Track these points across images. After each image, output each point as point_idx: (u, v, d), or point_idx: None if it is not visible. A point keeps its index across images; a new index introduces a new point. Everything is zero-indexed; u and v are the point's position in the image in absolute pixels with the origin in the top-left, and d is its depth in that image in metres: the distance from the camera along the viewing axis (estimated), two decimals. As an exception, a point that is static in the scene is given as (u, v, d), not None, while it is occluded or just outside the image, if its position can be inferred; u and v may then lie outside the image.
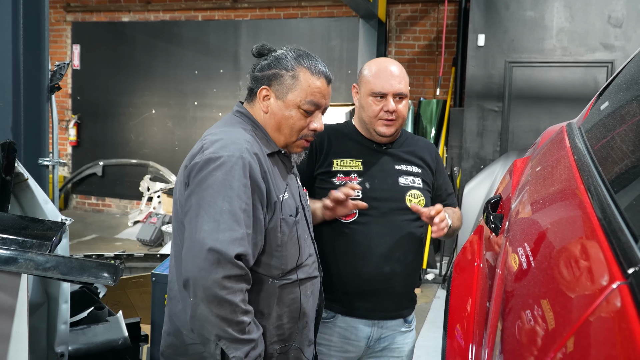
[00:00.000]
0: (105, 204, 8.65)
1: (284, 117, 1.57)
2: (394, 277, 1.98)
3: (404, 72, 2.02)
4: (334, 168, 2.00)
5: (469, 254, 1.96)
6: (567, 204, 1.20)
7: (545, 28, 5.54)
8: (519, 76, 5.66)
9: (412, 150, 2.11)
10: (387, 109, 1.96)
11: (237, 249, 1.38)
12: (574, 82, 5.48)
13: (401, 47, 7.30)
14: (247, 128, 1.56)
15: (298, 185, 1.72)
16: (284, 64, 1.56)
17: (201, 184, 1.42)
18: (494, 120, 5.80)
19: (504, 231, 1.53)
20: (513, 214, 1.51)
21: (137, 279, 3.32)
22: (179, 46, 8.09)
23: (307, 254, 1.64)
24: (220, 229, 1.37)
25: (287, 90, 1.55)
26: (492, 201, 1.86)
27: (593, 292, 0.81)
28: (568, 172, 1.34)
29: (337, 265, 1.97)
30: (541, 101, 5.58)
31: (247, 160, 1.43)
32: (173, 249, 1.60)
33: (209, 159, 1.43)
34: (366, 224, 1.95)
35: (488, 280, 1.53)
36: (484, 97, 5.81)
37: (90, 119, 8.61)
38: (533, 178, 1.62)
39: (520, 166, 1.93)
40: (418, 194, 2.02)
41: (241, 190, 1.41)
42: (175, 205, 1.56)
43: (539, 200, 1.39)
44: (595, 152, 1.34)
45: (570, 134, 1.66)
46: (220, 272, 1.36)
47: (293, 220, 1.57)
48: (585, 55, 5.44)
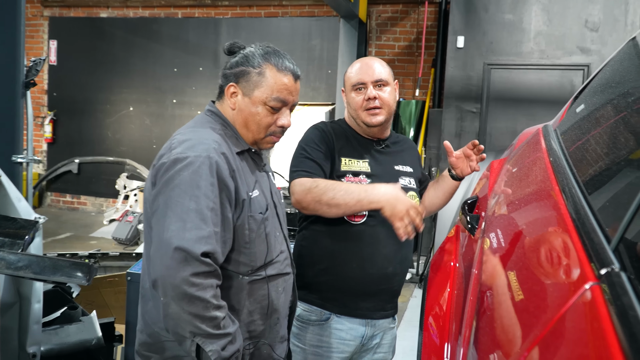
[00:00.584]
0: (81, 202, 8.53)
1: (250, 114, 1.58)
2: (394, 277, 2.01)
3: (385, 64, 2.04)
4: (343, 168, 1.99)
5: (446, 254, 1.97)
6: (542, 205, 1.21)
7: (523, 31, 5.60)
8: (497, 78, 5.72)
9: (402, 149, 2.14)
10: (367, 96, 1.98)
11: (203, 247, 1.39)
12: (550, 85, 5.55)
13: (381, 48, 7.32)
14: (216, 127, 1.57)
15: (270, 182, 1.73)
16: (251, 61, 1.58)
17: (168, 184, 1.43)
18: (472, 121, 5.85)
19: (480, 231, 1.54)
20: (489, 214, 1.53)
21: (112, 278, 3.29)
22: (158, 43, 8.02)
23: (278, 251, 1.65)
24: (187, 228, 1.38)
25: (253, 87, 1.57)
26: (469, 201, 1.88)
27: (566, 292, 0.81)
28: (543, 174, 1.35)
29: (342, 266, 1.97)
30: (518, 103, 5.65)
31: (214, 160, 1.45)
32: (144, 248, 1.60)
33: (176, 159, 1.44)
34: (374, 226, 1.95)
35: (464, 279, 1.54)
36: (462, 99, 5.86)
37: (67, 116, 8.49)
38: (509, 179, 1.63)
39: (497, 167, 1.95)
40: (414, 195, 2.06)
41: (208, 190, 1.43)
42: (145, 204, 1.56)
43: (515, 201, 1.40)
44: (570, 154, 1.36)
45: (546, 136, 1.68)
46: (187, 270, 1.37)
47: (261, 217, 1.58)
48: (562, 59, 5.51)
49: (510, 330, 0.94)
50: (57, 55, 8.43)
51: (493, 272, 1.19)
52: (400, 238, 1.72)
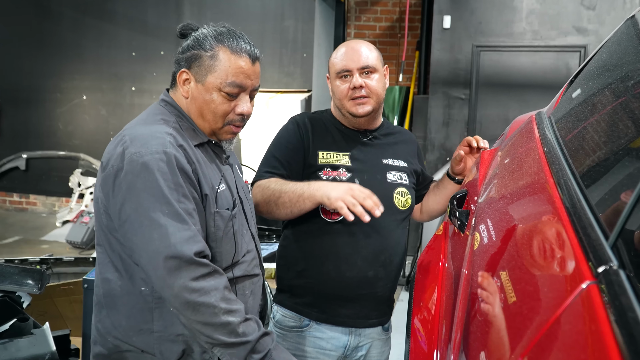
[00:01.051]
0: (30, 202, 8.41)
1: (205, 102, 1.57)
2: (377, 282, 2.00)
3: (373, 48, 2.03)
4: (320, 161, 2.00)
5: (434, 253, 1.99)
6: (536, 199, 1.23)
7: (514, 10, 5.66)
8: (486, 61, 5.77)
9: (396, 141, 2.13)
10: (352, 84, 1.97)
11: (193, 247, 1.41)
12: (544, 68, 5.62)
13: (361, 29, 7.34)
14: (170, 120, 1.57)
15: (236, 176, 1.73)
16: (202, 44, 1.57)
17: (132, 190, 1.43)
18: (461, 108, 5.90)
19: (471, 228, 1.57)
20: (480, 209, 1.55)
21: (67, 285, 3.25)
22: (113, 24, 7.92)
23: (245, 250, 1.66)
24: (170, 233, 1.40)
25: (206, 72, 1.56)
26: (457, 196, 1.90)
27: (563, 292, 0.83)
28: (537, 165, 1.37)
29: (319, 267, 1.98)
30: (510, 88, 5.71)
31: (171, 154, 1.45)
32: (97, 251, 1.60)
33: (131, 160, 1.44)
34: (352, 224, 1.93)
35: (454, 280, 1.56)
36: (450, 84, 5.91)
37: (11, 106, 8.34)
38: (501, 171, 1.65)
39: (487, 158, 1.97)
40: (405, 191, 2.05)
41: (173, 189, 1.44)
42: (96, 204, 1.56)
43: (507, 195, 1.42)
44: (565, 144, 1.38)
45: (540, 124, 1.71)
46: (184, 276, 1.39)
47: (229, 214, 1.59)
48: (557, 40, 5.59)
49: (504, 334, 0.96)
50: (-1, 38, 8.28)
51: (484, 272, 1.20)
52: (347, 218, 1.74)
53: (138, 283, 1.50)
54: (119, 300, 1.53)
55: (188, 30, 1.64)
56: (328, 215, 1.97)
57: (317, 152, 2.01)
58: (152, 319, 1.51)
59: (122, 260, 1.52)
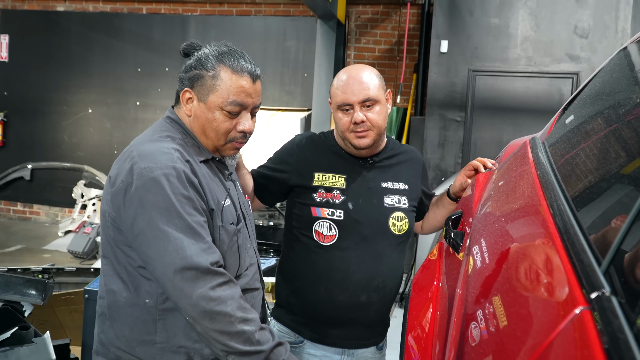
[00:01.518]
0: (33, 212, 8.39)
1: (207, 120, 1.58)
2: (370, 306, 1.97)
3: (374, 76, 1.96)
4: (315, 183, 1.98)
5: (428, 272, 1.99)
6: (529, 222, 1.23)
7: (509, 36, 5.70)
8: (482, 85, 5.80)
9: (399, 162, 2.09)
10: (354, 120, 1.92)
11: (209, 257, 1.43)
12: (538, 94, 5.65)
13: (361, 51, 7.38)
14: (176, 137, 1.58)
15: (238, 192, 1.74)
16: (204, 64, 1.58)
17: (144, 205, 1.43)
18: (456, 130, 5.92)
19: (465, 249, 1.56)
20: (474, 231, 1.55)
21: (68, 295, 3.24)
22: (120, 40, 7.96)
23: (247, 264, 1.67)
24: (185, 246, 1.41)
25: (208, 91, 1.57)
26: (452, 217, 1.90)
27: (555, 318, 0.83)
28: (531, 188, 1.38)
29: (311, 289, 1.97)
30: (504, 112, 5.73)
31: (180, 169, 1.46)
32: (103, 263, 1.60)
33: (141, 175, 1.45)
34: (345, 248, 1.94)
35: (448, 300, 1.56)
36: (446, 106, 5.93)
37: (19, 117, 8.35)
38: (495, 193, 1.66)
39: (482, 180, 1.97)
40: (402, 216, 2.01)
41: (186, 203, 1.45)
42: (103, 218, 1.56)
43: (501, 218, 1.42)
44: (559, 168, 1.39)
45: (534, 149, 1.71)
46: (201, 286, 1.40)
47: (234, 228, 1.60)
48: (550, 66, 5.62)
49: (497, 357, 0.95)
50: (8, 51, 8.30)
51: (478, 294, 1.20)
52: None
53: (143, 295, 1.51)
54: (123, 312, 1.53)
55: (191, 49, 1.65)
56: (321, 238, 1.96)
57: (313, 174, 2.00)
58: (155, 330, 1.51)
59: (127, 272, 1.52)
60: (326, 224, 1.95)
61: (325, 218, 1.95)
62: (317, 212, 1.96)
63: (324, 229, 1.95)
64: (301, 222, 2.00)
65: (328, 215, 1.95)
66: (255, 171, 2.12)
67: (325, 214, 1.95)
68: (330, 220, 1.95)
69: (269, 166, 2.10)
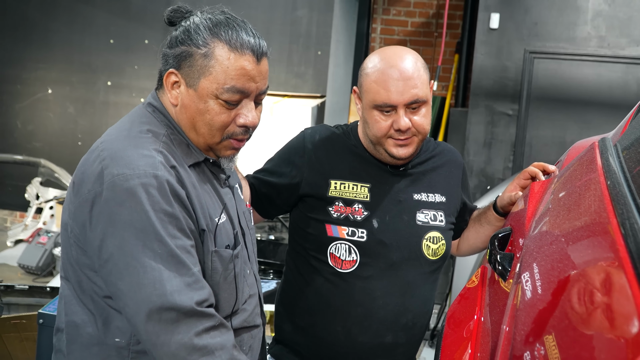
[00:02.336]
0: (-24, 215, 8.45)
1: (198, 112, 1.52)
2: (396, 348, 1.98)
3: (421, 67, 1.93)
4: (331, 193, 1.97)
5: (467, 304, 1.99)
6: (595, 245, 1.24)
7: (578, 10, 5.68)
8: (541, 71, 5.78)
9: (435, 167, 2.08)
10: (398, 126, 1.89)
11: (194, 295, 1.40)
12: (611, 83, 5.62)
13: (389, 25, 7.39)
14: (160, 132, 1.53)
15: (237, 200, 1.71)
16: (194, 38, 1.51)
17: (115, 223, 1.40)
18: (507, 126, 5.91)
19: (514, 276, 1.57)
20: (526, 254, 1.55)
21: (18, 319, 3.26)
22: (88, 5, 8.00)
23: (246, 295, 1.65)
24: (165, 279, 1.38)
25: (198, 74, 1.50)
26: (499, 235, 1.90)
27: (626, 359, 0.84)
28: (598, 202, 1.38)
29: (324, 327, 1.97)
30: (569, 105, 5.71)
31: (163, 178, 1.42)
32: (62, 287, 1.58)
33: (113, 184, 1.41)
34: (368, 277, 1.94)
35: (490, 339, 1.56)
36: (495, 96, 5.92)
37: (-39, 98, 8.43)
38: (554, 207, 1.66)
39: (538, 190, 1.98)
40: (438, 237, 2.00)
41: (168, 222, 1.41)
42: (64, 232, 1.54)
43: (560, 238, 1.43)
44: (633, 177, 1.39)
45: (604, 152, 1.72)
46: (183, 331, 1.37)
47: (230, 254, 1.57)
48: (627, 49, 5.60)
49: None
50: (-49, 15, 8.39)
51: (529, 333, 1.21)
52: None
53: (113, 332, 1.48)
54: (86, 351, 1.51)
55: (178, 16, 1.59)
56: (338, 264, 1.95)
57: (329, 181, 1.98)
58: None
59: (94, 302, 1.49)
60: (345, 246, 1.94)
61: (343, 239, 1.94)
62: (334, 231, 1.95)
63: (342, 252, 1.94)
64: (312, 242, 1.99)
65: (347, 236, 1.94)
66: (252, 177, 2.10)
67: (344, 233, 1.94)
68: (349, 242, 1.94)
69: (271, 170, 2.08)
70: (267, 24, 7.37)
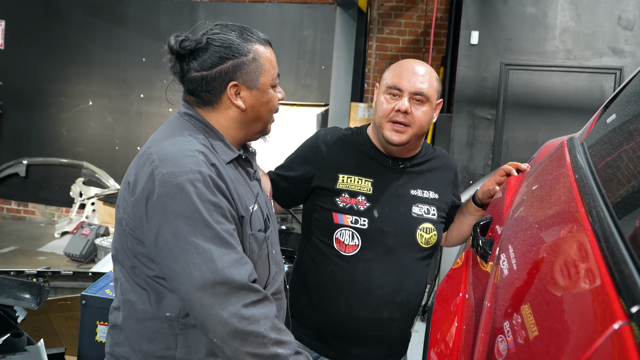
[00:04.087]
0: (28, 211, 8.48)
1: (263, 104, 1.61)
2: (392, 323, 1.98)
3: (435, 78, 1.98)
4: (339, 185, 1.98)
5: (453, 283, 1.98)
6: (565, 230, 1.23)
7: (547, 27, 5.66)
8: (515, 80, 5.77)
9: (430, 168, 2.09)
10: (398, 107, 1.92)
11: (242, 270, 1.41)
12: (577, 90, 5.60)
13: (383, 42, 7.37)
14: (198, 136, 1.54)
15: (262, 191, 1.74)
16: (236, 49, 1.56)
17: (167, 213, 1.41)
18: (486, 129, 5.89)
19: (494, 258, 1.56)
20: (504, 238, 1.54)
21: (64, 301, 3.26)
22: (123, 28, 8.02)
23: (274, 272, 1.67)
24: (215, 257, 1.39)
25: (256, 75, 1.58)
26: (481, 223, 1.89)
27: (591, 333, 0.83)
28: (568, 193, 1.37)
29: (329, 303, 1.97)
30: (540, 110, 5.70)
31: (206, 173, 1.44)
32: (116, 271, 1.60)
33: (164, 181, 1.42)
34: (368, 260, 1.94)
35: (474, 313, 1.55)
36: (475, 103, 5.91)
37: (14, 109, 8.45)
38: (528, 198, 1.65)
39: (514, 184, 1.97)
40: (431, 228, 2.01)
41: (214, 210, 1.43)
42: (119, 225, 1.55)
43: (534, 225, 1.42)
44: (599, 171, 1.38)
45: (572, 150, 1.70)
46: (233, 303, 1.38)
47: (263, 236, 1.59)
48: (592, 60, 5.57)
49: (527, 374, 0.95)
50: (4, 38, 8.41)
51: (507, 306, 1.20)
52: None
53: (164, 307, 1.50)
54: (141, 325, 1.52)
55: (190, 43, 1.60)
56: (342, 247, 1.96)
57: (337, 175, 1.99)
58: (176, 345, 1.50)
59: (147, 283, 1.51)
60: (348, 232, 1.95)
61: (347, 226, 1.95)
62: (340, 219, 1.96)
63: (346, 237, 1.95)
64: (321, 228, 2.00)
65: (351, 223, 1.95)
66: (273, 173, 2.12)
67: (348, 221, 1.95)
68: (353, 229, 1.95)
69: (288, 166, 2.10)
70: (277, 43, 7.37)
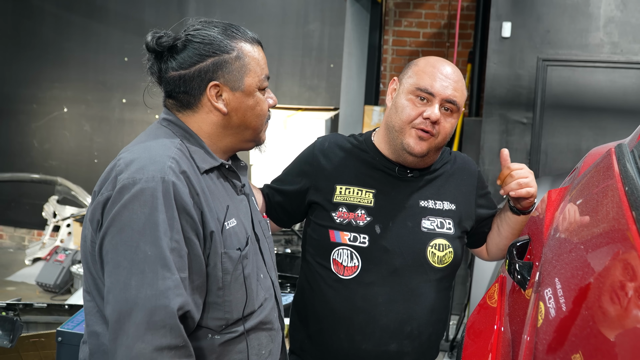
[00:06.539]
0: (-5, 234, 8.50)
1: (249, 108, 1.63)
2: (402, 357, 1.97)
3: (463, 83, 1.99)
4: (336, 199, 1.98)
5: (486, 314, 1.98)
6: (614, 253, 1.23)
7: (590, 17, 5.67)
8: (555, 79, 5.76)
9: (443, 174, 2.06)
10: (427, 115, 1.90)
11: (172, 301, 1.41)
12: (625, 89, 5.59)
13: (401, 36, 7.39)
14: (174, 141, 1.58)
15: (252, 209, 1.74)
16: (218, 46, 1.60)
17: (116, 222, 1.44)
18: (522, 135, 5.89)
19: (534, 284, 1.56)
20: (546, 262, 1.54)
21: (37, 338, 3.27)
22: (103, 23, 8.06)
23: (262, 299, 1.66)
24: (149, 281, 1.40)
25: (240, 75, 1.61)
26: (517, 244, 1.89)
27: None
28: (616, 209, 1.37)
29: (328, 334, 1.96)
30: (583, 112, 5.69)
31: (169, 182, 1.46)
32: (85, 299, 1.61)
33: (122, 187, 1.46)
34: (370, 284, 1.93)
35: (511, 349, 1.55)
36: (508, 105, 5.90)
37: (-22, 118, 8.50)
38: (572, 215, 1.65)
39: (555, 198, 1.97)
40: (445, 244, 1.98)
41: (167, 225, 1.44)
42: (84, 244, 1.57)
43: (579, 246, 1.42)
44: (652, 184, 1.38)
45: (621, 159, 1.71)
46: (148, 341, 1.38)
47: (238, 254, 1.59)
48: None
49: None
50: (-32, 37, 8.48)
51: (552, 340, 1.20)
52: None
53: None
54: (107, 359, 1.52)
55: (168, 41, 1.64)
56: (340, 269, 1.95)
57: (334, 187, 1.99)
58: None
59: None
60: (347, 251, 1.95)
61: (345, 244, 1.95)
62: (336, 237, 1.96)
63: (344, 258, 1.95)
64: (317, 248, 2.00)
65: (349, 241, 1.95)
66: (266, 187, 2.14)
67: (346, 239, 1.95)
68: (351, 248, 1.94)
69: (283, 179, 2.12)
70: (279, 38, 7.39)
